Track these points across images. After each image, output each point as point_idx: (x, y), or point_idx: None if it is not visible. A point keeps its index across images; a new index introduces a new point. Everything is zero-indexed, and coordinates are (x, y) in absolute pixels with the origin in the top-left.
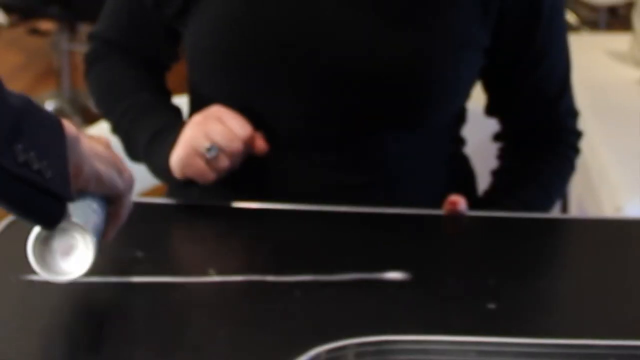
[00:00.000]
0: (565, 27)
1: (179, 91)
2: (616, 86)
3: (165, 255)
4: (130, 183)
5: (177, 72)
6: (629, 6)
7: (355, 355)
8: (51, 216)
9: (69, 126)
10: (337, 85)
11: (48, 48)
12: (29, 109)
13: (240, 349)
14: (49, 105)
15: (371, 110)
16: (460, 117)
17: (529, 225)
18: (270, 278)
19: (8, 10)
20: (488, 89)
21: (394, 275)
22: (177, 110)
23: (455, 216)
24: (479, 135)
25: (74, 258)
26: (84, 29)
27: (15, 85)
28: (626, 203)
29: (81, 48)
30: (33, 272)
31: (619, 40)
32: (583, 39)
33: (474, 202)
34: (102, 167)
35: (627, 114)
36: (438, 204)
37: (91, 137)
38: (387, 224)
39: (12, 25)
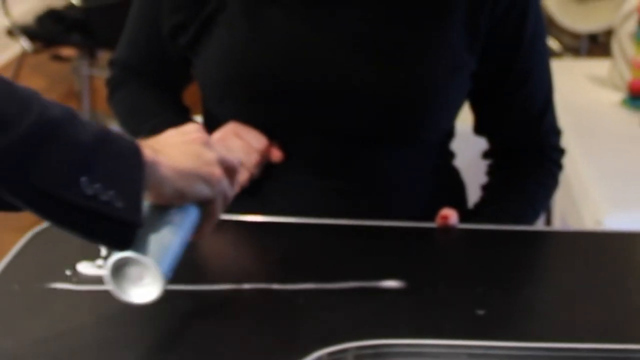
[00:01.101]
0: (547, 51)
1: (194, 111)
2: (597, 108)
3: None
4: (219, 186)
5: (192, 94)
6: (609, 34)
7: (354, 357)
8: (121, 242)
9: (147, 152)
10: (336, 109)
11: (69, 73)
12: (103, 142)
13: (248, 351)
14: None
15: (369, 131)
16: (449, 132)
17: (515, 237)
18: (275, 286)
19: (32, 37)
20: (475, 109)
21: (391, 283)
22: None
23: (446, 229)
24: (470, 152)
25: (145, 285)
26: (103, 55)
27: None
28: (606, 217)
29: (100, 73)
30: (56, 280)
31: (599, 66)
32: (566, 64)
33: (464, 212)
34: (183, 184)
35: (607, 135)
36: (430, 213)
37: (186, 136)
38: (384, 236)
39: (36, 51)
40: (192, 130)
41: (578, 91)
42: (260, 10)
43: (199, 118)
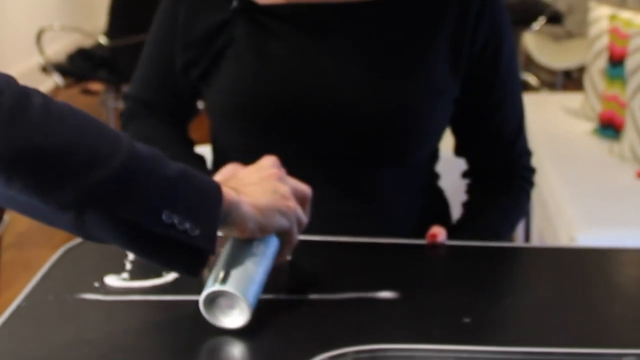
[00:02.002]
0: (519, 82)
1: (204, 141)
2: (571, 137)
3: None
4: (294, 217)
5: (201, 125)
6: (581, 70)
7: None
8: (194, 267)
9: (230, 192)
10: (335, 132)
11: (98, 105)
12: (186, 178)
13: (256, 355)
14: None
15: (361, 153)
16: (434, 155)
17: (498, 253)
18: (282, 296)
19: (64, 74)
20: (455, 133)
21: (386, 294)
22: (201, 159)
23: (435, 245)
24: (452, 173)
25: (234, 314)
26: (127, 88)
27: None
28: (579, 234)
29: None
30: (86, 291)
31: (573, 99)
32: (543, 98)
33: (449, 227)
34: (264, 219)
35: (580, 160)
36: (417, 229)
37: (263, 173)
38: (380, 251)
39: (67, 86)
40: (268, 165)
41: (554, 121)
42: (265, 45)
43: (206, 148)
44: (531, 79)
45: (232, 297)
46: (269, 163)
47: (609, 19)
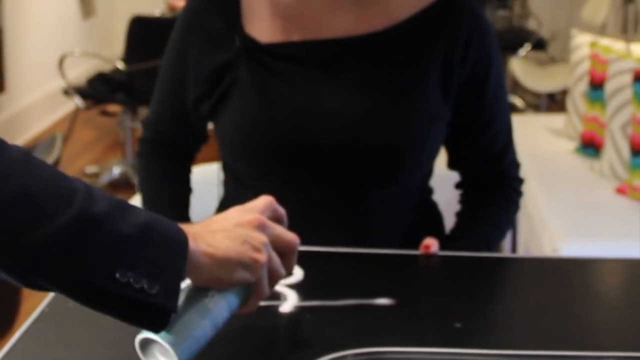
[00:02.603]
0: (507, 100)
1: (213, 159)
2: (554, 155)
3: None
4: (260, 271)
5: (211, 145)
6: (564, 93)
7: None
8: (155, 325)
9: (192, 243)
10: (335, 162)
11: (115, 126)
12: (147, 232)
13: (262, 356)
14: (116, 170)
15: (363, 175)
16: (428, 172)
17: (487, 263)
18: (285, 303)
19: (84, 96)
20: (449, 148)
21: (383, 301)
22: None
23: (429, 255)
24: (445, 187)
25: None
26: (144, 111)
27: (90, 155)
28: (561, 245)
29: (141, 125)
30: None
31: (557, 120)
32: (529, 119)
33: (442, 238)
34: (220, 272)
35: (563, 177)
36: (413, 241)
37: (243, 218)
38: (377, 261)
39: (87, 108)
40: (256, 209)
41: (539, 141)
42: (266, 84)
43: (215, 166)
44: (517, 101)
45: (165, 348)
46: (259, 206)
47: (589, 46)
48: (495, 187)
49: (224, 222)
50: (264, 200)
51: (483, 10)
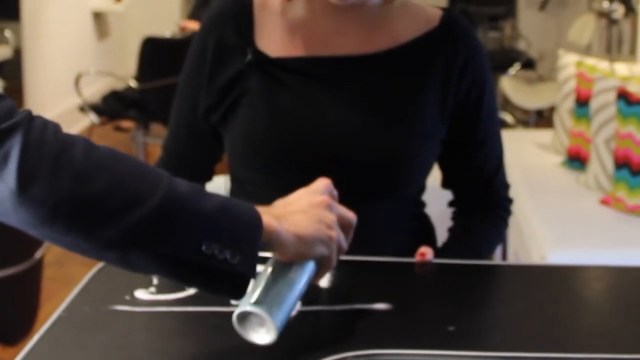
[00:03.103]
0: (499, 123)
1: (223, 172)
2: (542, 168)
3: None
4: (334, 246)
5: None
6: (552, 110)
7: None
8: (236, 292)
9: (270, 220)
10: (336, 172)
11: (128, 141)
12: (225, 209)
13: (267, 358)
14: None
15: (361, 187)
16: (422, 187)
17: (478, 270)
18: None
19: (99, 113)
20: (443, 168)
21: (380, 306)
22: None
23: (424, 263)
24: (438, 202)
25: (262, 332)
26: (155, 126)
27: None
28: (549, 253)
29: (152, 140)
30: (118, 303)
31: (544, 135)
32: (518, 134)
33: (434, 249)
34: (303, 248)
35: (550, 189)
36: (407, 251)
37: (313, 199)
38: (375, 268)
39: (102, 124)
40: (320, 190)
41: (528, 155)
42: (275, 95)
43: (224, 178)
44: (508, 117)
45: (262, 318)
46: (321, 187)
47: (575, 65)
48: (486, 206)
49: (298, 204)
50: (324, 182)
51: (476, 32)
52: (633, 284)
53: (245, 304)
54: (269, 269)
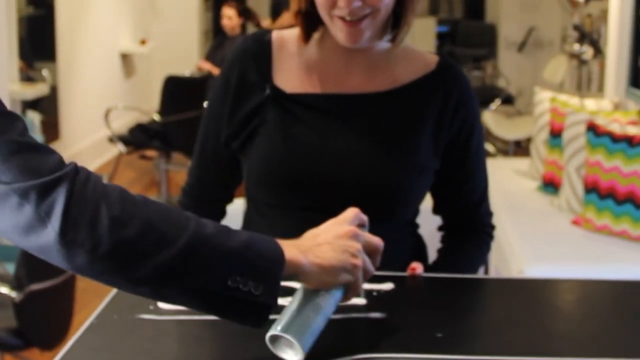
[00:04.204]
0: (485, 157)
1: (239, 195)
2: (520, 192)
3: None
4: (358, 273)
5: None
6: (528, 140)
7: None
8: (259, 320)
9: (296, 257)
10: (341, 196)
11: (152, 168)
12: (248, 246)
13: None
14: None
15: (363, 210)
16: (416, 211)
17: (463, 283)
18: None
19: (126, 143)
20: (434, 196)
21: (375, 314)
22: None
23: (415, 277)
24: (430, 224)
25: (291, 353)
26: (176, 155)
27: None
28: (526, 268)
29: (174, 168)
30: (143, 312)
31: (522, 163)
32: (498, 162)
33: (425, 265)
34: (327, 277)
35: (527, 210)
36: (402, 267)
37: (340, 230)
38: (371, 281)
39: (128, 153)
40: (348, 220)
41: (507, 180)
42: (290, 127)
43: (241, 200)
44: (490, 147)
45: (290, 341)
46: (349, 217)
47: (550, 101)
48: (471, 231)
49: (325, 236)
50: (352, 212)
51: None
52: (600, 295)
53: (275, 328)
54: (299, 296)
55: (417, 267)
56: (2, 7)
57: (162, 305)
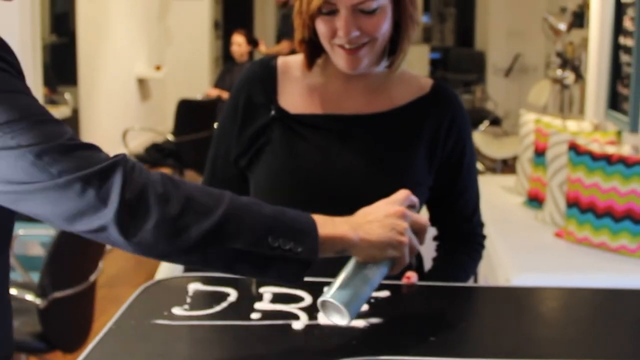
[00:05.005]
0: (476, 173)
1: None
2: (507, 207)
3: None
4: (404, 249)
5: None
6: (515, 159)
7: None
8: (296, 276)
9: (347, 233)
10: (341, 206)
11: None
12: (282, 212)
13: None
14: None
15: None
16: None
17: (455, 291)
18: (299, 324)
19: (142, 161)
20: (429, 210)
21: (374, 320)
22: None
23: (410, 285)
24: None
25: (339, 317)
26: (188, 172)
27: None
28: (513, 277)
29: None
30: (158, 318)
31: (509, 180)
32: (487, 179)
33: (422, 275)
34: (375, 252)
35: (513, 224)
36: (398, 276)
37: (390, 209)
38: None
39: None
40: (399, 201)
41: (495, 196)
42: (294, 145)
43: None
44: (479, 165)
45: (338, 307)
46: (400, 198)
47: (534, 122)
48: (464, 241)
49: (376, 214)
50: (403, 193)
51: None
52: (581, 302)
53: (326, 294)
54: (350, 267)
55: (412, 276)
56: (27, 36)
57: (175, 311)
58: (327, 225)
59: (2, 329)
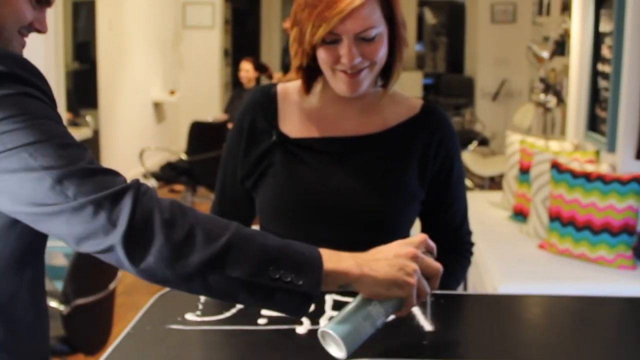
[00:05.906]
0: (464, 186)
1: (254, 223)
2: (494, 221)
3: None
4: (410, 290)
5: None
6: (501, 176)
7: None
8: (301, 309)
9: (352, 268)
10: (339, 222)
11: (180, 200)
12: (287, 245)
13: None
14: None
15: (359, 236)
16: (406, 235)
17: (445, 298)
18: (313, 328)
19: (158, 179)
20: (422, 221)
21: None
22: None
23: None
24: None
25: (336, 349)
26: (201, 189)
27: None
28: (500, 285)
29: (199, 200)
30: (172, 323)
31: (496, 196)
32: (476, 195)
33: None
34: (379, 290)
35: (500, 236)
36: None
37: (401, 250)
38: None
39: (159, 187)
40: (414, 243)
41: (483, 211)
42: (294, 167)
43: (256, 226)
44: (468, 182)
45: (337, 339)
46: (415, 242)
47: (519, 142)
48: (454, 248)
49: (387, 253)
50: (420, 237)
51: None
52: (563, 309)
53: (327, 325)
54: (355, 302)
55: None
56: (52, 64)
57: (188, 317)
58: (332, 259)
59: (41, 335)
